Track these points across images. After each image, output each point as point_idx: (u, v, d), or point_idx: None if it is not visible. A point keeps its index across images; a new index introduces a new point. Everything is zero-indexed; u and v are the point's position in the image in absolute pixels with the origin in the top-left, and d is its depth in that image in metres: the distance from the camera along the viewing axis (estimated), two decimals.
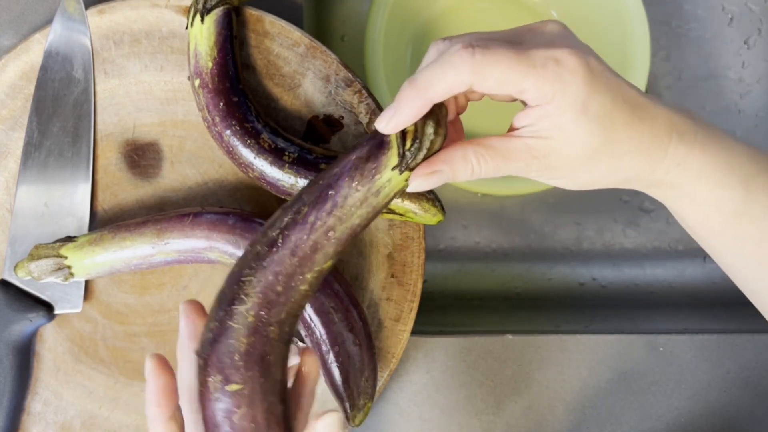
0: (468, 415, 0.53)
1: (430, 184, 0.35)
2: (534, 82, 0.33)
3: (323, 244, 0.35)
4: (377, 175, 0.35)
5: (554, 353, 0.53)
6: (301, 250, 0.35)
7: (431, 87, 0.33)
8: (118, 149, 0.49)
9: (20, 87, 0.49)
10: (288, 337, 0.36)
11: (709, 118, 0.68)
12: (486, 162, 0.35)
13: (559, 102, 0.33)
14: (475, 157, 0.35)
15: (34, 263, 0.45)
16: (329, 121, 0.49)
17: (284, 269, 0.35)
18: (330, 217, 0.35)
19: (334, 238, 0.35)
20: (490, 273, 0.67)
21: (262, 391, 0.34)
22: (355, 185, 0.35)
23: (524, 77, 0.33)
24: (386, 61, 0.57)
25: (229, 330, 0.34)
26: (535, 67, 0.33)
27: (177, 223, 0.45)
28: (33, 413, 0.49)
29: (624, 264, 0.68)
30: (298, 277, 0.35)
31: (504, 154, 0.35)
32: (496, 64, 0.33)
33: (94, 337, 0.49)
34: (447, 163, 0.35)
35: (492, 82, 0.33)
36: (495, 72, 0.33)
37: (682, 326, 0.59)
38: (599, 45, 0.61)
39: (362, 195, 0.35)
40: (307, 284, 0.36)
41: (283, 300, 0.35)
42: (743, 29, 0.69)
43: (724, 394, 0.54)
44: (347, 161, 0.36)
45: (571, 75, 0.33)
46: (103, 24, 0.49)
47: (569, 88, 0.33)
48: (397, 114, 0.34)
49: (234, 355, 0.34)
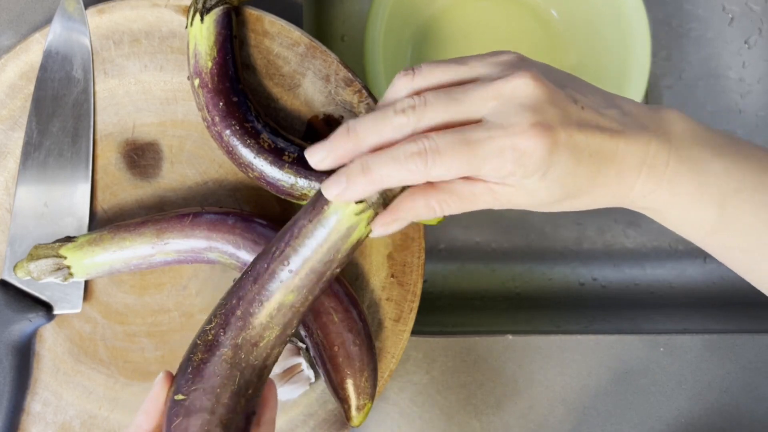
0: (468, 416, 0.53)
1: (391, 230, 0.36)
2: (492, 168, 0.33)
3: (279, 273, 0.37)
4: (327, 210, 0.36)
5: (554, 353, 0.53)
6: (261, 278, 0.37)
7: (383, 180, 0.34)
8: (117, 149, 0.49)
9: (20, 87, 0.49)
10: (246, 364, 0.37)
11: (710, 118, 0.68)
12: (449, 206, 0.35)
13: (521, 175, 0.34)
14: (438, 205, 0.35)
15: (34, 263, 0.45)
16: (329, 121, 0.49)
17: (245, 295, 0.37)
18: (287, 247, 0.37)
19: (291, 271, 0.37)
20: (490, 273, 0.67)
21: (201, 406, 0.35)
22: (308, 218, 0.36)
23: (481, 167, 0.33)
24: (386, 61, 0.57)
25: (192, 346, 0.37)
26: (491, 158, 0.33)
27: (177, 223, 0.45)
28: (32, 413, 0.49)
29: (624, 264, 0.67)
30: (255, 305, 0.37)
31: (468, 199, 0.35)
32: (449, 170, 0.33)
33: (93, 337, 0.49)
34: (409, 211, 0.35)
35: (447, 177, 0.34)
36: (449, 174, 0.33)
37: (682, 326, 0.59)
38: (599, 45, 0.62)
39: (313, 226, 0.36)
40: (264, 316, 0.37)
41: (240, 325, 0.37)
42: (744, 29, 0.69)
43: (724, 394, 0.54)
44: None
45: (529, 159, 0.33)
46: (103, 24, 0.49)
47: (529, 168, 0.33)
48: (347, 186, 0.35)
49: (188, 369, 0.37)
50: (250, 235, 0.44)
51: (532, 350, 0.53)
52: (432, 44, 0.64)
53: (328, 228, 0.36)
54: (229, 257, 0.45)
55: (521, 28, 0.64)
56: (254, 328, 0.37)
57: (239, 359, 0.36)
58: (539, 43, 0.64)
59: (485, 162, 0.33)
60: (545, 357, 0.53)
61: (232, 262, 0.45)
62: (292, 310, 0.37)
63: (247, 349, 0.37)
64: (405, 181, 0.34)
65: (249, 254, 0.44)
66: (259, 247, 0.44)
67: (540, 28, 0.64)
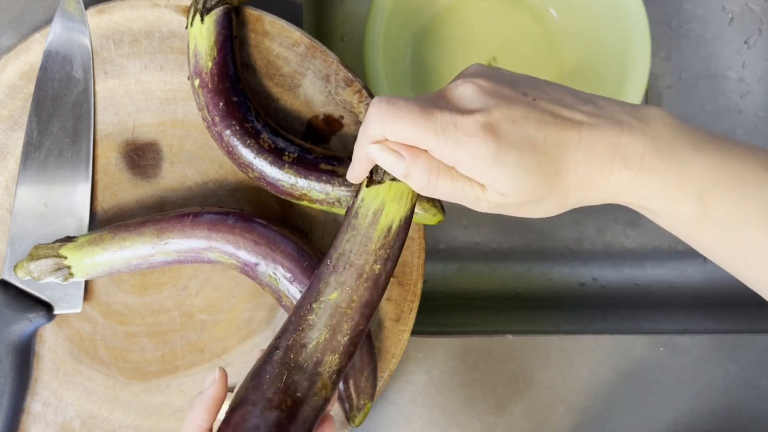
0: (468, 416, 0.53)
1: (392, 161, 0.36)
2: (436, 142, 0.35)
3: (322, 271, 0.39)
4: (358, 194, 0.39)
5: (554, 353, 0.53)
6: (312, 280, 0.39)
7: (360, 144, 0.37)
8: (117, 149, 0.49)
9: (20, 87, 0.49)
10: (295, 364, 0.38)
11: (710, 118, 0.68)
12: (443, 180, 0.36)
13: (469, 163, 0.35)
14: (436, 172, 0.36)
15: (34, 263, 0.45)
16: (329, 120, 0.49)
17: (301, 300, 0.39)
18: (330, 246, 0.39)
19: (329, 266, 0.39)
20: (490, 273, 0.67)
21: (246, 399, 0.37)
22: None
23: (426, 137, 0.35)
24: (386, 61, 0.57)
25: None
26: (435, 131, 0.34)
27: (177, 223, 0.45)
28: (33, 413, 0.49)
29: (624, 264, 0.67)
30: (305, 307, 0.39)
31: (459, 181, 0.36)
32: (400, 121, 0.35)
33: (93, 338, 0.49)
34: (410, 157, 0.36)
35: (400, 135, 0.35)
36: (400, 127, 0.35)
37: (682, 326, 0.59)
38: (599, 45, 0.62)
39: (345, 219, 0.39)
40: (312, 317, 0.38)
41: (292, 328, 0.39)
42: (743, 29, 0.69)
43: (724, 394, 0.54)
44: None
45: (468, 137, 0.34)
46: (103, 24, 0.49)
47: (471, 149, 0.34)
48: (352, 170, 0.39)
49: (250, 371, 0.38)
50: (251, 235, 0.44)
51: (532, 350, 0.53)
52: (432, 44, 0.64)
53: (355, 217, 0.38)
54: (229, 257, 0.45)
55: (521, 28, 0.64)
56: (303, 330, 0.38)
57: (288, 359, 0.37)
58: (539, 43, 0.64)
59: (429, 133, 0.34)
60: (545, 357, 0.53)
61: (232, 262, 0.45)
62: (339, 311, 0.38)
63: (296, 350, 0.38)
64: (371, 137, 0.36)
65: (249, 254, 0.44)
66: (259, 247, 0.44)
67: (540, 28, 0.64)
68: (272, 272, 0.44)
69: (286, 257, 0.44)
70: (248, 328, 0.49)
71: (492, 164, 0.34)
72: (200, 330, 0.49)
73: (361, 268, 0.38)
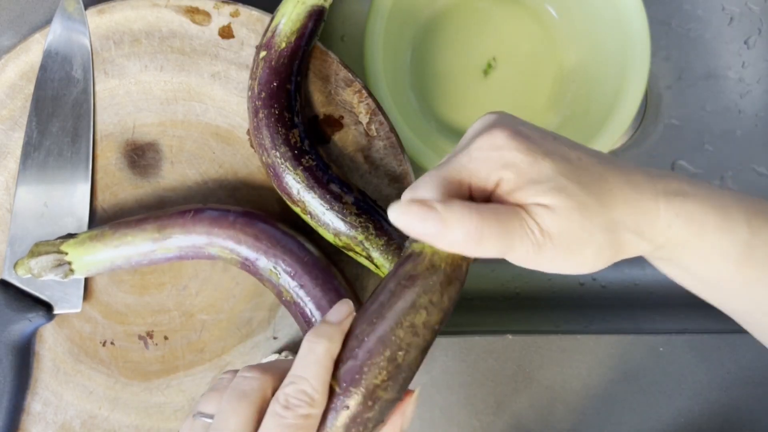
0: (468, 415, 0.53)
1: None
2: (485, 172, 0.34)
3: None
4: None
5: (554, 353, 0.53)
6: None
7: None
8: (118, 149, 0.49)
9: (20, 87, 0.49)
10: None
11: (709, 118, 0.68)
12: (488, 231, 0.34)
13: (521, 181, 0.33)
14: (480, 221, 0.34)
15: (35, 260, 0.45)
16: (329, 121, 0.49)
17: None
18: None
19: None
20: (490, 273, 0.67)
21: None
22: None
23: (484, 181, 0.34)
24: (386, 61, 0.57)
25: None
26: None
27: (178, 219, 0.45)
28: (33, 413, 0.49)
29: (624, 264, 0.67)
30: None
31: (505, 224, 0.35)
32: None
33: (93, 337, 0.49)
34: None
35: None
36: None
37: (682, 326, 0.59)
38: (599, 45, 0.62)
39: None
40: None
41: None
42: (743, 29, 0.69)
43: (724, 394, 0.54)
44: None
45: (513, 159, 0.33)
46: (103, 24, 0.49)
47: (521, 169, 0.33)
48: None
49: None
50: (252, 231, 0.44)
51: (532, 350, 0.53)
52: (432, 44, 0.64)
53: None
54: (230, 252, 0.45)
55: (521, 28, 0.64)
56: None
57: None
58: (539, 43, 0.64)
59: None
60: (545, 357, 0.53)
61: (233, 258, 0.45)
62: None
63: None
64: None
65: (250, 250, 0.44)
66: (260, 243, 0.44)
67: (540, 28, 0.64)
68: (273, 266, 0.44)
69: (287, 252, 0.44)
70: (248, 327, 0.49)
71: (527, 165, 0.33)
72: (200, 330, 0.49)
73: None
